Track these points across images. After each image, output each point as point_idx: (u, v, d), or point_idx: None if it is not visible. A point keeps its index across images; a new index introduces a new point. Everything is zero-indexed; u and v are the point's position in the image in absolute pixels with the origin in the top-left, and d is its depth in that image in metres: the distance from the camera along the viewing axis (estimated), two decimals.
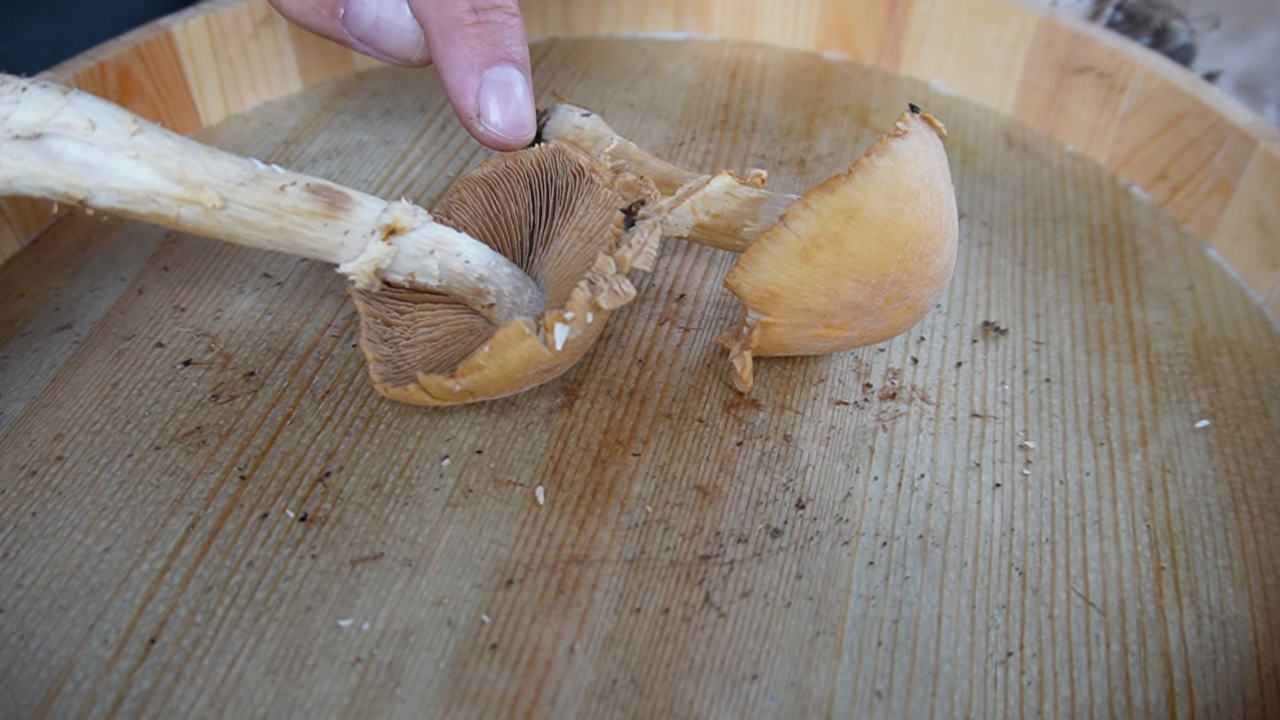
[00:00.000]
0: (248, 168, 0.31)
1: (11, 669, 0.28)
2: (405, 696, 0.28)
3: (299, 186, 0.31)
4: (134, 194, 0.29)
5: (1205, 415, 0.37)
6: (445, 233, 0.33)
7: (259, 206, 0.31)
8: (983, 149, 0.49)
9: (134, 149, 0.29)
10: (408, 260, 0.32)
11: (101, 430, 0.34)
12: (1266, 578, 0.32)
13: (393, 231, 0.32)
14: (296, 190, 0.31)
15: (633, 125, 0.49)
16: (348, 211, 0.31)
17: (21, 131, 0.28)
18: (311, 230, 0.31)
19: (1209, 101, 0.44)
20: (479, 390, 0.31)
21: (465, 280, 0.33)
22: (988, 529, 0.33)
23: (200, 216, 0.30)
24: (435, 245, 0.32)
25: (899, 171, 0.30)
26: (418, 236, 0.32)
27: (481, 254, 0.33)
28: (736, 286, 0.32)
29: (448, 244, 0.33)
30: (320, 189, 0.31)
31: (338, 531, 0.31)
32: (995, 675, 0.29)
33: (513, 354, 0.30)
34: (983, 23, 0.50)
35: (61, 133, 0.28)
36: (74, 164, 0.28)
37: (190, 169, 0.30)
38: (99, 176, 0.29)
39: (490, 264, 0.33)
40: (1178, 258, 0.44)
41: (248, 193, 0.30)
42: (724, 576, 0.31)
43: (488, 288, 0.33)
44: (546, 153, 0.36)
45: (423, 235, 0.32)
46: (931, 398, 0.37)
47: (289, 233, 0.31)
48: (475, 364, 0.30)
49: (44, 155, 0.28)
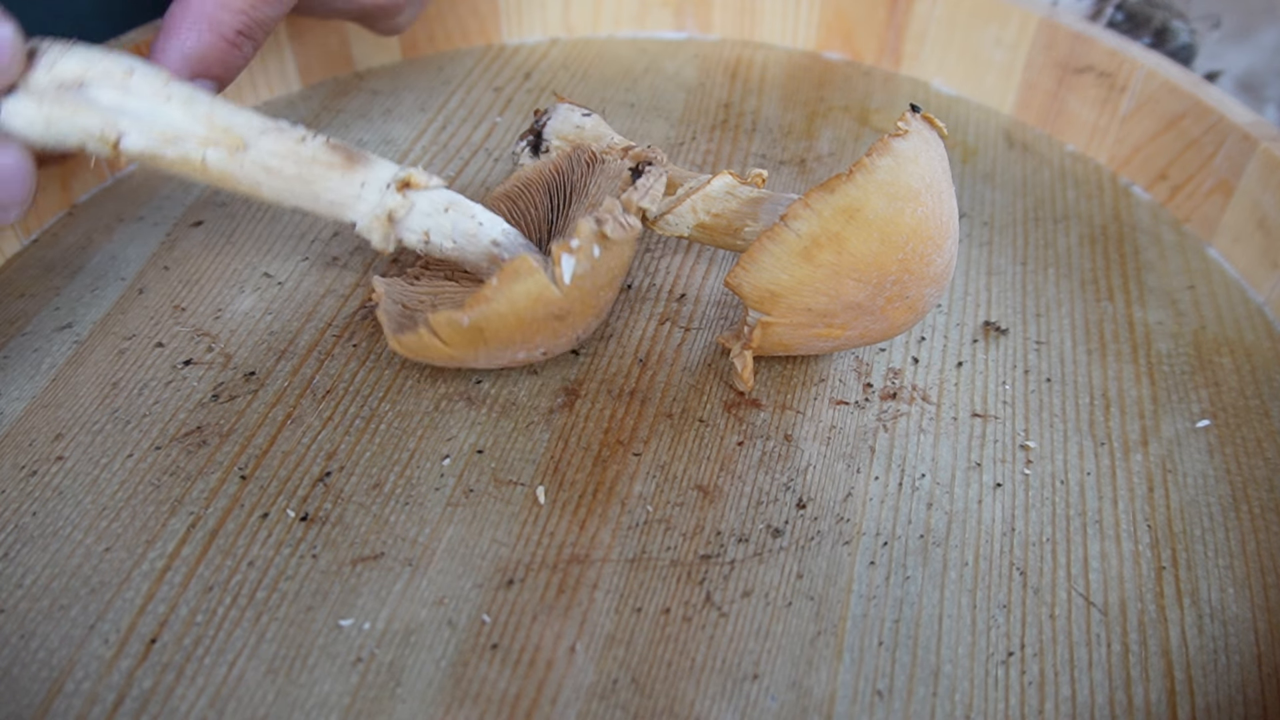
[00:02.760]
0: (270, 121, 0.32)
1: (12, 669, 0.28)
2: (406, 696, 0.28)
3: (319, 141, 0.33)
4: (164, 134, 0.31)
5: (1206, 415, 0.37)
6: (459, 196, 0.34)
7: (280, 154, 0.32)
8: (983, 149, 0.49)
9: (167, 94, 0.31)
10: (422, 217, 0.33)
11: (102, 430, 0.34)
12: (1267, 577, 0.32)
13: (407, 185, 0.33)
14: (316, 143, 0.32)
15: (633, 125, 0.49)
16: (365, 166, 0.33)
17: (67, 79, 0.30)
18: (330, 180, 0.32)
19: (1209, 101, 0.44)
20: (490, 332, 0.30)
21: (479, 242, 0.33)
22: (988, 529, 0.33)
23: (225, 160, 0.32)
24: (450, 204, 0.33)
25: (900, 171, 0.30)
26: (432, 194, 0.33)
27: (495, 219, 0.34)
28: (737, 286, 0.32)
29: (462, 205, 0.33)
30: (338, 146, 0.33)
31: (338, 531, 0.31)
32: (996, 675, 0.29)
33: (520, 288, 0.29)
34: (983, 23, 0.50)
35: (101, 81, 0.30)
36: (110, 108, 0.31)
37: (218, 114, 0.32)
38: (133, 117, 0.31)
39: (505, 230, 0.34)
40: (1178, 258, 0.44)
41: (270, 140, 0.32)
42: (725, 576, 0.31)
43: (502, 253, 0.33)
44: (563, 157, 0.37)
45: (437, 194, 0.33)
46: (932, 397, 0.37)
47: (308, 181, 0.32)
48: (483, 295, 0.29)
49: (84, 100, 0.30)
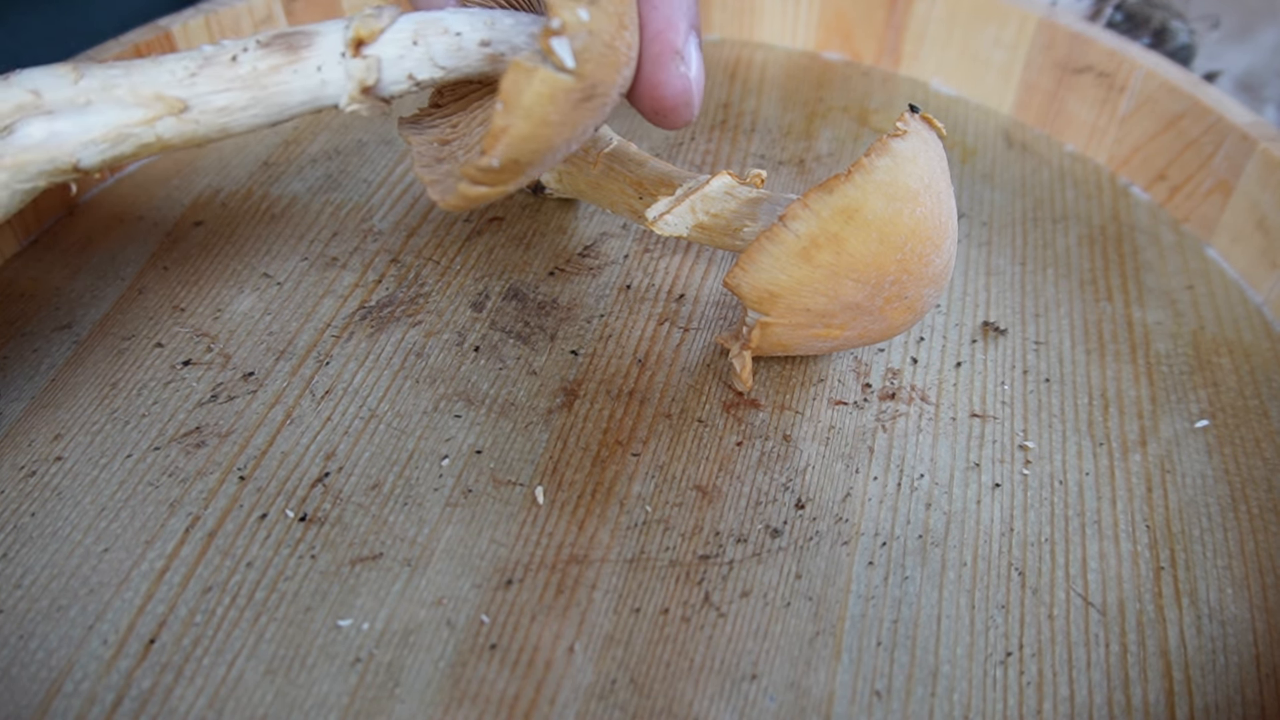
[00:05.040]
0: (193, 57, 0.29)
1: (11, 669, 0.28)
2: (405, 696, 0.28)
3: (252, 48, 0.29)
4: (107, 137, 0.29)
5: (1205, 415, 0.37)
6: (421, 15, 0.30)
7: (221, 88, 0.29)
8: (982, 149, 0.49)
9: (84, 96, 0.28)
10: (394, 65, 0.29)
11: (101, 430, 0.34)
12: (1266, 578, 0.32)
13: (360, 43, 0.29)
14: (250, 54, 0.29)
15: (633, 125, 0.49)
16: (309, 47, 0.29)
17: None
18: (284, 84, 0.29)
19: (1209, 101, 0.44)
20: (527, 156, 0.27)
21: (469, 56, 0.30)
22: (987, 529, 0.33)
23: (178, 126, 0.29)
24: (415, 34, 0.29)
25: (898, 171, 0.30)
26: (391, 35, 0.29)
27: (471, 19, 0.30)
28: (736, 286, 0.32)
29: (429, 24, 0.30)
30: (274, 39, 0.29)
31: (337, 531, 0.31)
32: (995, 675, 0.29)
33: (530, 98, 0.26)
34: (982, 23, 0.50)
35: (21, 115, 0.28)
36: (43, 138, 0.28)
37: (140, 86, 0.29)
38: (69, 138, 0.28)
39: (487, 22, 0.30)
40: (1177, 258, 0.44)
41: (203, 82, 0.29)
42: (723, 576, 0.31)
43: (498, 49, 0.30)
44: None
45: (396, 31, 0.29)
46: (931, 398, 0.37)
47: (266, 99, 0.29)
48: (497, 128, 0.26)
49: (18, 145, 0.28)
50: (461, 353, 0.37)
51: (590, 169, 0.38)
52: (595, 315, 0.38)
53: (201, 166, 0.45)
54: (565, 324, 0.38)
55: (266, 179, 0.45)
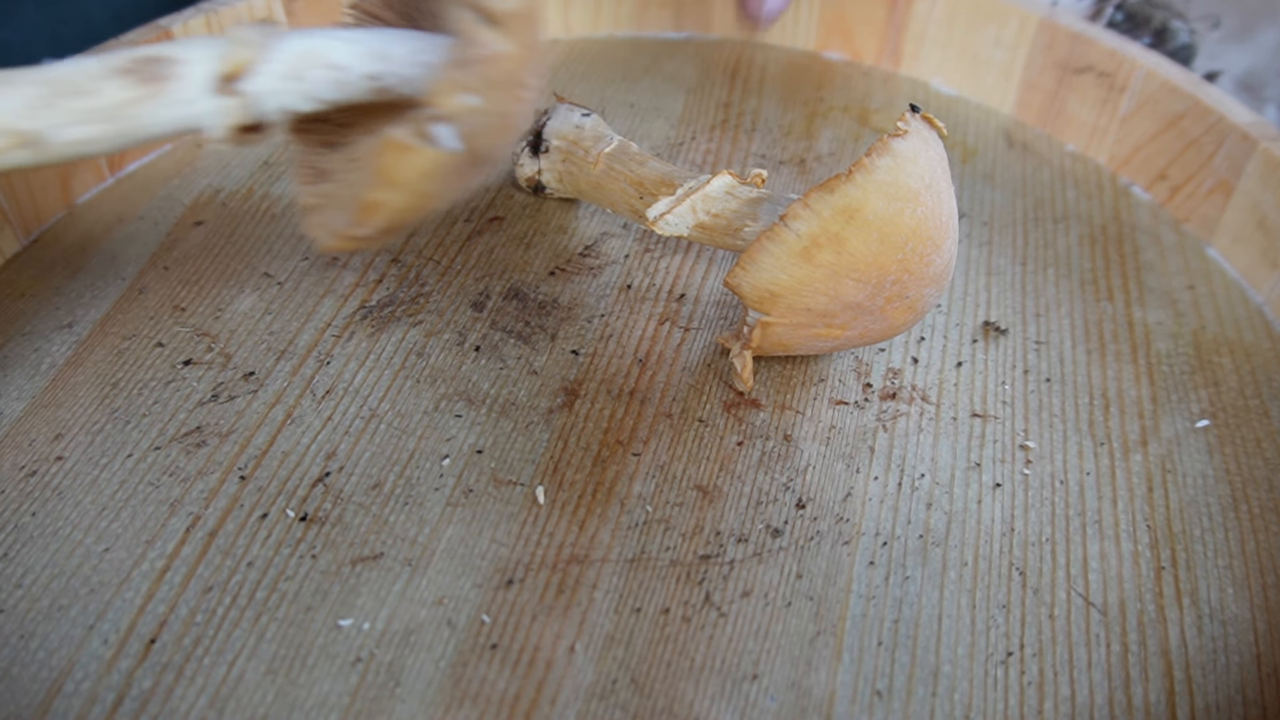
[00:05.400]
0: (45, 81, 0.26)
1: (12, 669, 0.28)
2: (405, 696, 0.28)
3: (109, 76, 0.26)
4: None
5: (1205, 415, 0.37)
6: (304, 43, 0.26)
7: (77, 120, 0.26)
8: (983, 149, 0.49)
9: None
10: (270, 98, 0.26)
11: (101, 430, 0.34)
12: (1267, 577, 0.32)
13: (232, 79, 0.26)
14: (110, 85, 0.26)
15: (633, 125, 0.49)
16: (171, 79, 0.26)
17: None
18: (145, 116, 0.26)
19: (1209, 101, 0.44)
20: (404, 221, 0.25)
21: (353, 89, 0.27)
22: (988, 529, 0.33)
23: (35, 155, 0.26)
24: (295, 70, 0.26)
25: (899, 171, 0.30)
26: (267, 68, 0.26)
27: (359, 48, 0.27)
28: (737, 286, 0.32)
29: (309, 58, 0.26)
30: (133, 66, 0.26)
31: (338, 531, 0.31)
32: (995, 675, 0.29)
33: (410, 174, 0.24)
34: (983, 23, 0.50)
35: None
36: None
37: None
38: None
39: (376, 52, 0.27)
40: (1178, 258, 0.44)
41: (56, 114, 0.25)
42: (724, 576, 0.31)
43: (387, 82, 0.27)
44: None
45: (276, 65, 0.26)
46: (932, 397, 0.37)
47: (126, 132, 0.26)
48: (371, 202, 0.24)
49: None
50: (462, 352, 0.37)
51: (591, 169, 0.38)
52: (596, 315, 0.38)
53: (201, 166, 0.45)
54: (566, 324, 0.38)
55: (267, 179, 0.45)
